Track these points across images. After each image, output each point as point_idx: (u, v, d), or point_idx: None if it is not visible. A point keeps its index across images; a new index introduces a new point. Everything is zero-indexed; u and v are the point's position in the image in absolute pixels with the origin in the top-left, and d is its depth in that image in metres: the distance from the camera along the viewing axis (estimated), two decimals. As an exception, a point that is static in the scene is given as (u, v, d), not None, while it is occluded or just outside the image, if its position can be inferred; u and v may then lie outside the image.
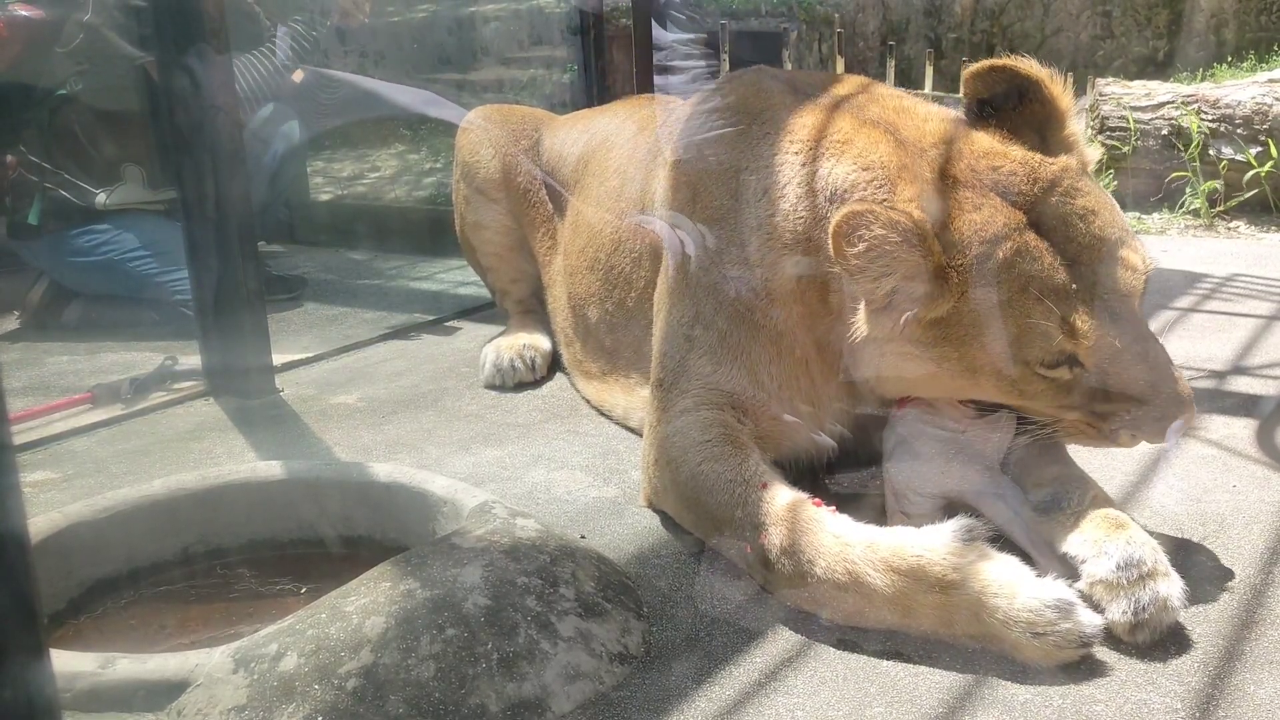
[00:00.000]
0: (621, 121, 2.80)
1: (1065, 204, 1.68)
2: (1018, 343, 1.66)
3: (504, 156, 3.05)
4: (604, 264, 2.52)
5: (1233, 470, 2.17)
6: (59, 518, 1.81)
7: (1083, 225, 1.67)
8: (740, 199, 2.01)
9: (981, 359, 1.70)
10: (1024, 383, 1.70)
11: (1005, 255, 1.65)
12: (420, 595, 1.50)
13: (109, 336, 3.49)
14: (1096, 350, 1.65)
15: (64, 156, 3.55)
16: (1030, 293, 1.64)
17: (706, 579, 1.81)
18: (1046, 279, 1.64)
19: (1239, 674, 1.48)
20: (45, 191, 3.55)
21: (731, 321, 1.98)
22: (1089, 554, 1.60)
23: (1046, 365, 1.67)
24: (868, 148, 1.82)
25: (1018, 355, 1.67)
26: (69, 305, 3.66)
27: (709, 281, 2.03)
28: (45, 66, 3.55)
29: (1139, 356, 1.66)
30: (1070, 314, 1.63)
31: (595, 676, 1.50)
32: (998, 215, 1.67)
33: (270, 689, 1.37)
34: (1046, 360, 1.67)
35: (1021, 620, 1.48)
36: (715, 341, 1.99)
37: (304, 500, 1.96)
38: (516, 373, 2.87)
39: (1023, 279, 1.64)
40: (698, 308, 2.04)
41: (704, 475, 1.85)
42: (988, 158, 1.73)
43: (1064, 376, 1.68)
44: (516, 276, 3.15)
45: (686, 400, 1.97)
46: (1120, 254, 1.68)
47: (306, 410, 2.74)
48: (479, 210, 3.09)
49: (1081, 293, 1.64)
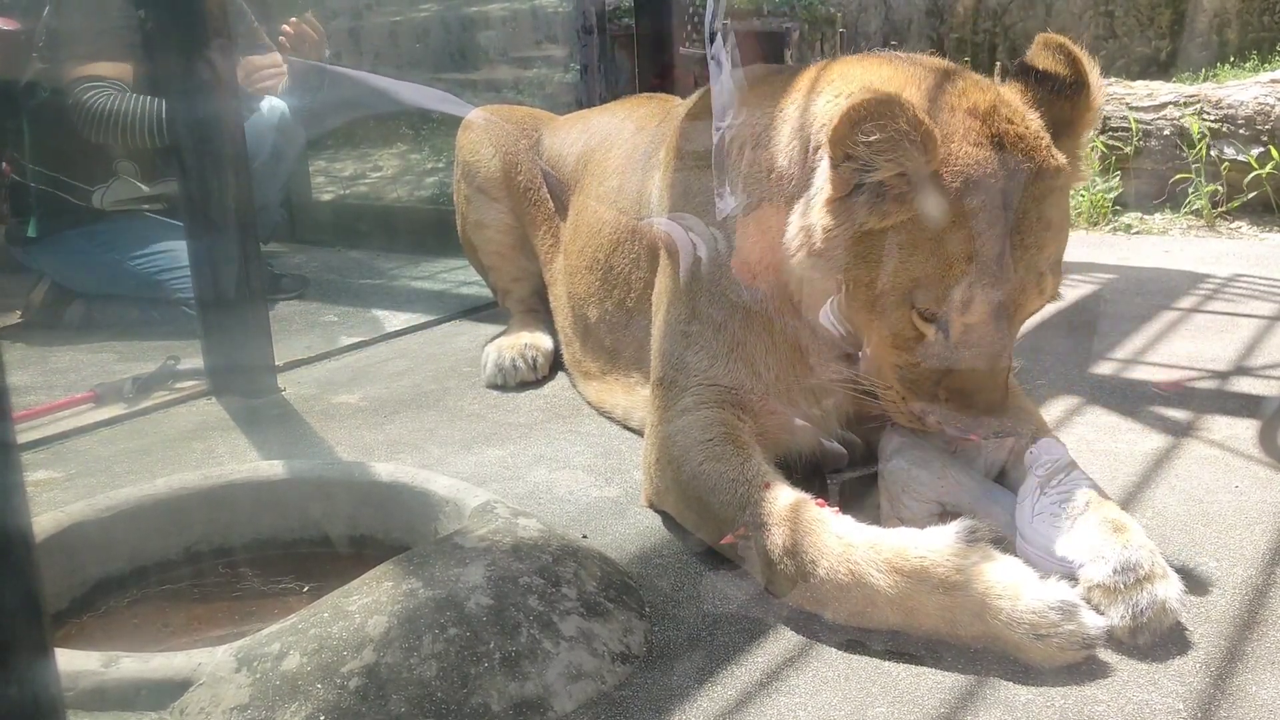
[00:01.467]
0: (621, 121, 2.80)
1: (1030, 200, 1.68)
2: (921, 282, 1.69)
3: (505, 155, 3.05)
4: (603, 264, 2.52)
5: (1235, 471, 2.17)
6: (62, 517, 1.81)
7: (1031, 226, 1.68)
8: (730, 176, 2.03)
9: (886, 288, 1.73)
10: (897, 325, 1.74)
11: (961, 199, 1.65)
12: (423, 595, 1.50)
13: (111, 336, 3.49)
14: (968, 328, 1.70)
15: (55, 158, 3.55)
16: (958, 244, 1.66)
17: (708, 579, 1.81)
18: (977, 242, 1.66)
19: (1241, 675, 1.48)
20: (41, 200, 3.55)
21: (726, 312, 1.99)
22: (1086, 558, 1.60)
23: (924, 316, 1.71)
24: (866, 72, 1.85)
25: (914, 293, 1.70)
26: (70, 305, 3.67)
27: (703, 275, 2.03)
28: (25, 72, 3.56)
29: (988, 356, 1.72)
30: (973, 286, 1.66)
31: (597, 676, 1.50)
32: (972, 162, 1.67)
33: (273, 688, 1.37)
34: (929, 310, 1.70)
35: (1025, 621, 1.48)
36: (711, 335, 2.00)
37: (306, 500, 1.96)
38: (518, 372, 2.87)
39: (962, 229, 1.66)
40: (694, 303, 2.05)
41: (706, 475, 1.84)
42: (990, 114, 1.71)
43: (928, 335, 1.73)
44: (518, 275, 3.15)
45: (687, 399, 1.97)
46: (1039, 271, 1.70)
47: (309, 410, 2.75)
48: (480, 209, 3.10)
49: (991, 277, 1.66)
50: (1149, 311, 3.40)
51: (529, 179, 3.03)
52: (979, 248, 1.65)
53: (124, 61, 3.46)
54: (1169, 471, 2.17)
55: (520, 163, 3.04)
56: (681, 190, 2.15)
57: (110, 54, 3.46)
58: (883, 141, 1.63)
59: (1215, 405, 2.55)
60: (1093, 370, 2.84)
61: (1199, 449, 2.29)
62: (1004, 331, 1.72)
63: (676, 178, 2.19)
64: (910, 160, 1.64)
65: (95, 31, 3.49)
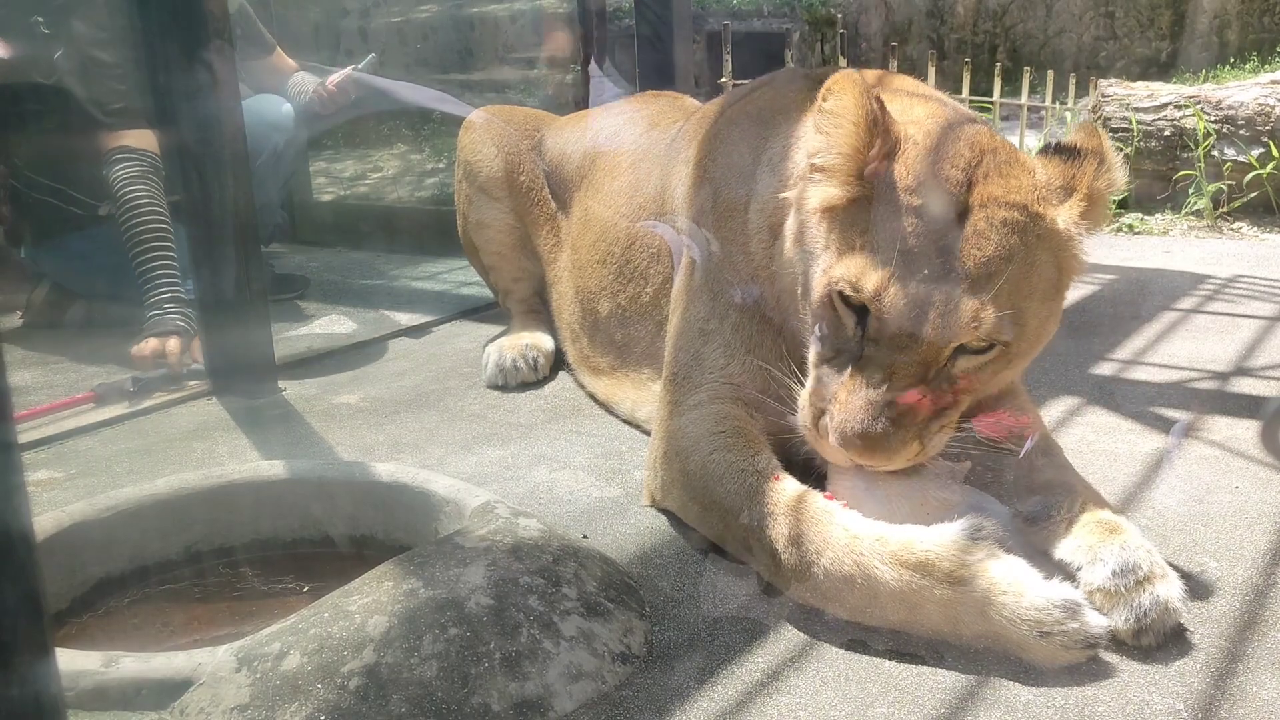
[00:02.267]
0: (630, 117, 2.81)
1: (991, 228, 1.62)
2: (849, 255, 1.65)
3: (507, 156, 3.05)
4: (618, 258, 2.52)
5: (1235, 471, 2.17)
6: (63, 516, 1.82)
7: (983, 252, 1.60)
8: (754, 180, 2.06)
9: (821, 266, 1.70)
10: (819, 305, 1.69)
11: (911, 193, 1.64)
12: (423, 595, 1.50)
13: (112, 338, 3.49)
14: (887, 320, 1.60)
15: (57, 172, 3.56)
16: (896, 231, 1.62)
17: (709, 579, 1.81)
18: (914, 238, 1.62)
19: (1241, 675, 1.48)
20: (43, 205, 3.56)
21: (742, 312, 2.01)
22: (1083, 561, 1.60)
23: (847, 293, 1.64)
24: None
25: (839, 264, 1.66)
26: (72, 306, 3.67)
27: (722, 274, 2.06)
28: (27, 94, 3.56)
29: (885, 369, 1.62)
30: (897, 272, 1.60)
31: (598, 676, 1.50)
32: (930, 164, 1.67)
33: (273, 688, 1.38)
34: (851, 286, 1.63)
35: (1029, 618, 1.48)
36: (730, 333, 2.01)
37: (307, 500, 1.97)
38: (519, 372, 2.87)
39: (905, 219, 1.63)
40: (714, 301, 2.06)
41: (715, 464, 1.85)
42: (974, 143, 1.70)
43: (846, 322, 1.66)
44: (519, 276, 3.15)
45: (701, 394, 1.99)
46: (976, 297, 1.59)
47: (309, 410, 2.75)
48: (482, 209, 3.10)
49: (918, 272, 1.60)
50: (1149, 312, 3.40)
51: (531, 179, 3.03)
52: (912, 242, 1.62)
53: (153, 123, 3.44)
54: (1169, 472, 2.17)
55: (522, 163, 3.05)
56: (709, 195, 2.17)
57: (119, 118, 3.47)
58: (833, 119, 1.69)
59: (1215, 406, 2.55)
60: (1093, 371, 2.85)
61: (1199, 449, 2.29)
62: (919, 347, 1.60)
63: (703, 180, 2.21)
64: (850, 139, 1.68)
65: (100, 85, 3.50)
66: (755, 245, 2.01)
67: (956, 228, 1.62)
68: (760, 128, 2.12)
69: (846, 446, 1.63)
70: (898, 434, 1.62)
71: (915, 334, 1.60)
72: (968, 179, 1.66)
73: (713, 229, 2.11)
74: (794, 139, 1.98)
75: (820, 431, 1.69)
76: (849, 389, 1.64)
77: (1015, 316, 1.62)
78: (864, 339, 1.65)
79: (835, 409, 1.65)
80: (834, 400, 1.65)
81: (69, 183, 3.55)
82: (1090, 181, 1.69)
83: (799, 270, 1.81)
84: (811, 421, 1.72)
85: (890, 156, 1.68)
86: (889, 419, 1.61)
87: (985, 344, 1.63)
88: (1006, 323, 1.61)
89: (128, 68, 3.50)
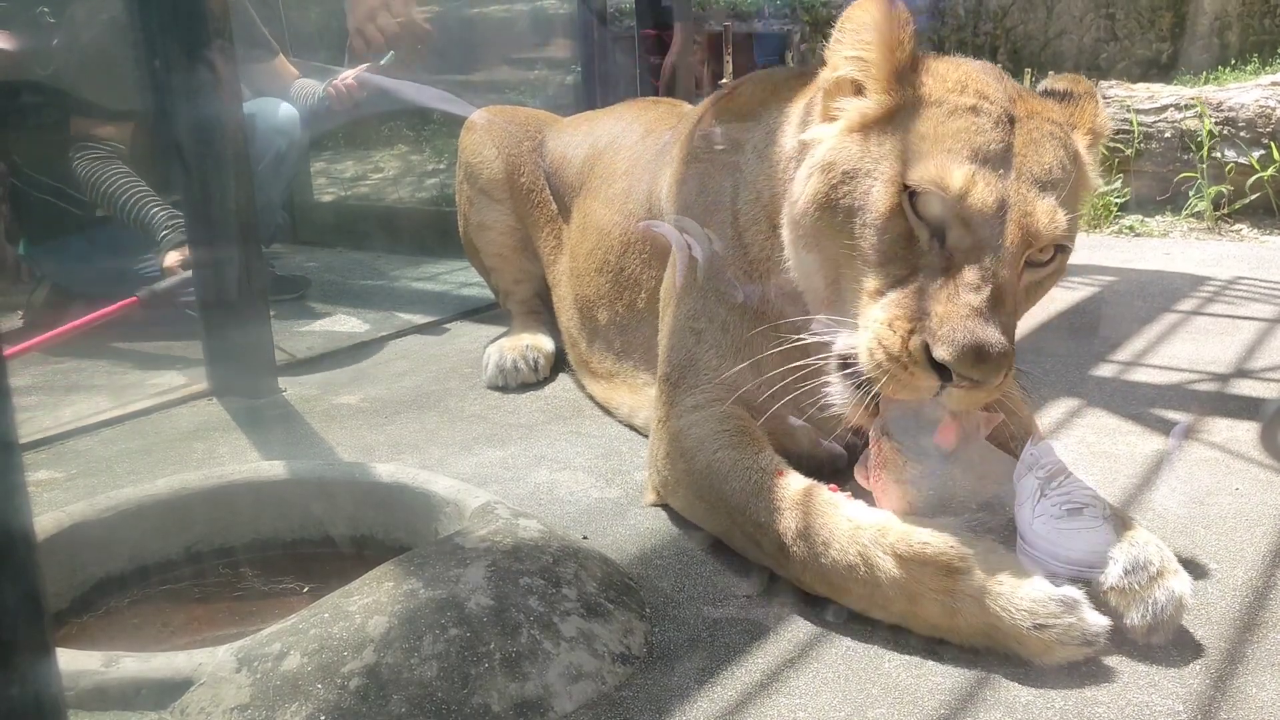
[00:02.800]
0: (628, 123, 2.81)
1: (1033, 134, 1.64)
2: (917, 158, 1.60)
3: (507, 157, 3.05)
4: (614, 266, 2.52)
5: (1236, 473, 2.17)
6: (63, 516, 1.82)
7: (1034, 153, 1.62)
8: (739, 173, 2.05)
9: (879, 185, 1.63)
10: (888, 232, 1.61)
11: (959, 94, 1.65)
12: (423, 595, 1.50)
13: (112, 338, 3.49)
14: (967, 222, 1.56)
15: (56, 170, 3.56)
16: (959, 131, 1.61)
17: (709, 580, 1.81)
18: (977, 135, 1.60)
19: (1242, 676, 1.48)
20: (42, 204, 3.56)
21: (731, 311, 2.00)
22: (1094, 560, 1.60)
23: (933, 192, 1.57)
24: None
25: (909, 171, 1.59)
26: (72, 307, 3.66)
27: (711, 270, 2.05)
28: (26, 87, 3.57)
29: (983, 271, 1.54)
30: (974, 169, 1.57)
31: (598, 677, 1.50)
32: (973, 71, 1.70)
33: (273, 688, 1.38)
34: (925, 188, 1.57)
35: (1024, 609, 1.48)
36: (719, 332, 2.01)
37: (307, 500, 1.97)
38: (519, 373, 2.87)
39: (962, 119, 1.62)
40: (703, 300, 2.06)
41: (720, 462, 1.85)
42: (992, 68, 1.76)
43: (920, 235, 1.59)
44: (520, 277, 3.15)
45: (699, 395, 1.99)
46: (1045, 193, 1.59)
47: (309, 410, 2.75)
48: (482, 211, 3.10)
49: (992, 166, 1.58)
50: (1150, 314, 3.40)
51: (531, 180, 3.03)
52: (979, 140, 1.60)
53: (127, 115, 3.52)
54: (1170, 474, 2.17)
55: (523, 164, 3.05)
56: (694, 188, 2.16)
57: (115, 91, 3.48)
58: (856, 27, 1.71)
59: (1216, 407, 2.55)
60: (1093, 372, 2.84)
61: (1199, 451, 2.29)
62: (1004, 248, 1.55)
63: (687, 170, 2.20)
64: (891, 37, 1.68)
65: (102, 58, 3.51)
66: (750, 237, 2.00)
67: (1012, 132, 1.63)
68: (745, 120, 2.11)
69: (961, 359, 1.49)
70: (1005, 343, 1.52)
71: (1003, 233, 1.56)
72: (1004, 92, 1.68)
73: (699, 224, 2.10)
74: (782, 124, 1.96)
75: (911, 356, 1.54)
76: (947, 298, 1.53)
77: (1075, 224, 1.66)
78: (944, 249, 1.57)
79: (935, 323, 1.51)
80: (929, 315, 1.53)
81: (69, 181, 3.55)
82: (1093, 118, 1.78)
83: (832, 205, 1.69)
84: (898, 346, 1.55)
85: (920, 61, 1.70)
86: (996, 326, 1.51)
87: (1048, 256, 1.64)
88: (1074, 227, 1.64)
89: (120, 58, 3.51)
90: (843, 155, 1.70)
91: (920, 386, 1.57)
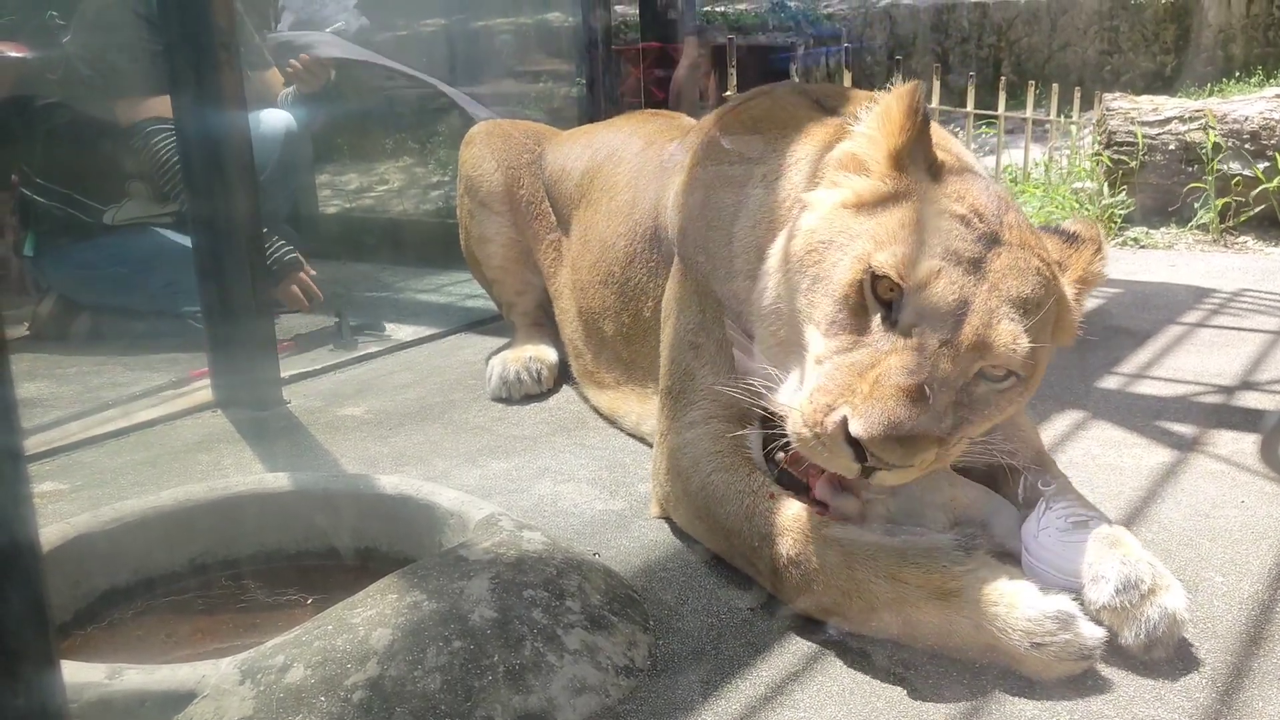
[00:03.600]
0: (628, 136, 2.81)
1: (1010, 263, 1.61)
2: (885, 244, 1.60)
3: (507, 170, 3.06)
4: (619, 277, 2.53)
5: (1241, 485, 2.17)
6: (68, 528, 1.82)
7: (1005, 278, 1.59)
8: (742, 196, 2.04)
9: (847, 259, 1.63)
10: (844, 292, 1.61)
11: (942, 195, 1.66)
12: (427, 607, 1.50)
13: (118, 349, 3.50)
14: (921, 311, 1.54)
15: (66, 177, 3.58)
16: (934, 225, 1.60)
17: (712, 592, 1.81)
18: (950, 235, 1.60)
19: (1247, 690, 1.48)
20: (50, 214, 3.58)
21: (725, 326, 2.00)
22: (1084, 579, 1.59)
23: (892, 276, 1.56)
24: None
25: (875, 254, 1.59)
26: (78, 318, 3.68)
27: (708, 285, 2.05)
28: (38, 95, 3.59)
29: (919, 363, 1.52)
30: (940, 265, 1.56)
31: (601, 689, 1.49)
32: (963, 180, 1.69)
33: (276, 700, 1.38)
34: (897, 271, 1.56)
35: (1020, 630, 1.48)
36: (715, 349, 2.01)
37: (311, 512, 1.96)
38: (523, 385, 2.87)
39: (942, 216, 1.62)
40: (702, 314, 2.05)
41: (714, 486, 1.85)
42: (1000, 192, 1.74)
43: (873, 314, 1.58)
44: (522, 289, 3.16)
45: (695, 411, 1.98)
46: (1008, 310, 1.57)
47: (314, 422, 2.75)
48: (483, 224, 3.11)
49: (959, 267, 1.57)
50: (1154, 326, 3.40)
51: (531, 193, 3.04)
52: (956, 244, 1.59)
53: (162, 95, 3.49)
54: (1174, 486, 2.17)
55: (522, 177, 3.06)
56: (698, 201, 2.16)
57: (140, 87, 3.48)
58: (881, 114, 1.71)
59: (1221, 420, 2.55)
60: (1098, 384, 2.84)
61: (1204, 464, 2.29)
62: (954, 343, 1.54)
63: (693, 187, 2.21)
64: (902, 130, 1.67)
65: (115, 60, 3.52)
66: (740, 264, 1.98)
67: (995, 253, 1.61)
68: (753, 138, 2.10)
69: (873, 438, 1.46)
70: (925, 433, 1.49)
71: (954, 333, 1.54)
72: (1000, 217, 1.66)
73: (701, 236, 2.10)
74: (790, 166, 1.95)
75: (826, 431, 1.52)
76: (878, 378, 1.51)
77: (1038, 356, 1.62)
78: (893, 334, 1.56)
79: (859, 400, 1.49)
80: (854, 393, 1.51)
81: (75, 186, 3.57)
82: (1088, 264, 1.76)
83: (804, 268, 1.70)
84: (818, 419, 1.54)
85: (930, 165, 1.69)
86: (920, 414, 1.48)
87: (1003, 373, 1.59)
88: (1034, 358, 1.60)
89: (138, 40, 3.52)
90: (826, 225, 1.70)
91: (838, 463, 1.55)
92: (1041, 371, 1.70)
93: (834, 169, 1.78)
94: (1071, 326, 1.75)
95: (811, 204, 1.78)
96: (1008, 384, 1.61)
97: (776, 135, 2.05)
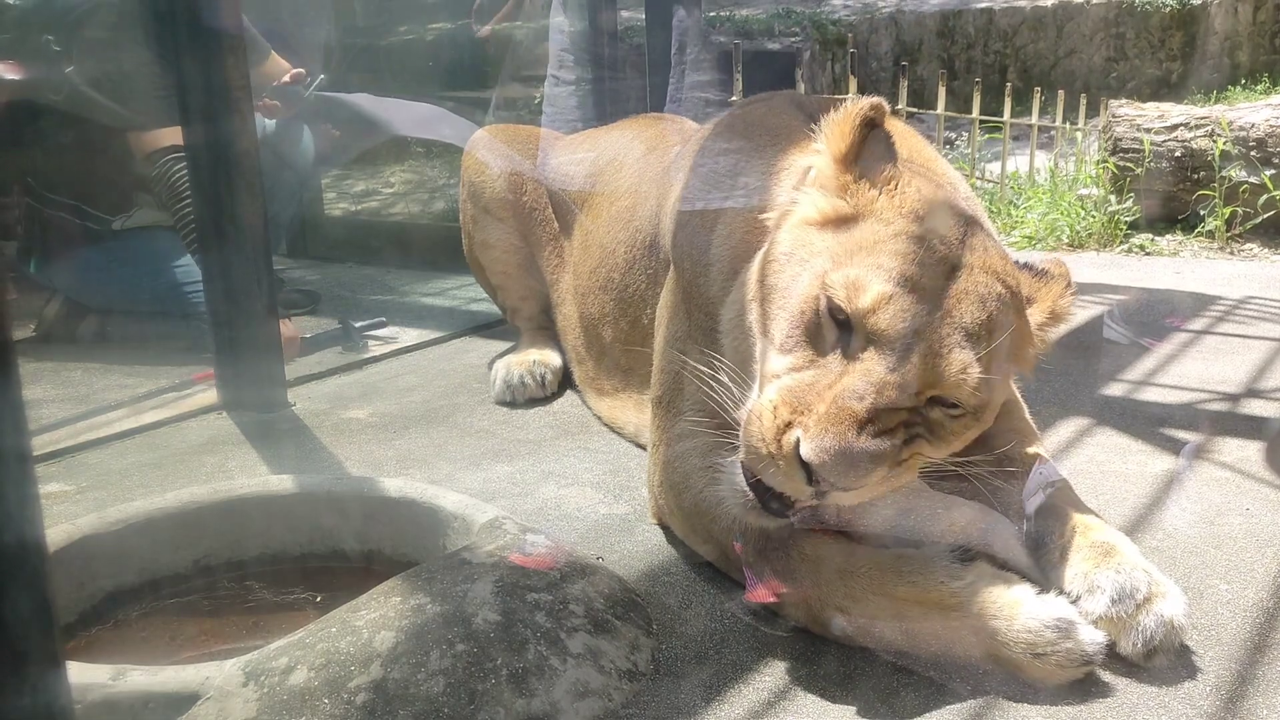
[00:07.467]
0: (630, 141, 2.82)
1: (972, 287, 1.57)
2: (844, 265, 1.57)
3: (510, 176, 3.07)
4: (618, 284, 2.53)
5: (1246, 492, 2.16)
6: (73, 529, 1.82)
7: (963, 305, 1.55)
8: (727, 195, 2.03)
9: (806, 276, 1.61)
10: (800, 309, 1.58)
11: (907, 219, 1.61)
12: (430, 610, 1.50)
13: (125, 352, 3.51)
14: (871, 337, 1.51)
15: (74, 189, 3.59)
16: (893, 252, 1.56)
17: (715, 597, 1.81)
18: (909, 261, 1.55)
19: (1252, 698, 1.48)
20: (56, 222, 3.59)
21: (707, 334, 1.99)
22: (1081, 590, 1.58)
23: (840, 300, 1.53)
24: None
25: (831, 274, 1.56)
26: (84, 320, 3.69)
27: (692, 293, 2.04)
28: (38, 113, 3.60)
29: (871, 387, 1.49)
30: (894, 290, 1.52)
31: (604, 693, 1.50)
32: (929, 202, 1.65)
33: (280, 702, 1.38)
34: (848, 293, 1.53)
35: (1022, 640, 1.48)
36: (699, 358, 1.99)
37: (316, 514, 1.97)
38: (527, 389, 2.88)
39: (901, 242, 1.58)
40: (688, 322, 2.05)
41: (706, 500, 1.84)
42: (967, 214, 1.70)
43: (828, 335, 1.56)
44: (526, 294, 3.16)
45: (685, 423, 1.97)
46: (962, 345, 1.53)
47: (319, 425, 2.76)
48: (486, 229, 3.11)
49: (914, 295, 1.53)
50: (1156, 332, 3.39)
51: (534, 199, 3.04)
52: (909, 269, 1.55)
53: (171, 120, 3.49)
54: (1179, 493, 2.17)
55: (525, 183, 3.06)
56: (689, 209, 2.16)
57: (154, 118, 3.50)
58: (839, 123, 1.68)
59: (1225, 427, 2.54)
60: (1102, 391, 2.84)
61: (1209, 470, 2.28)
62: (902, 371, 1.50)
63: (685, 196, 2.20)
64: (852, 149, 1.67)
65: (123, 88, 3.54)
66: (715, 273, 1.96)
67: (952, 277, 1.57)
68: (741, 147, 2.09)
69: (823, 463, 1.45)
70: (875, 456, 1.47)
71: (903, 359, 1.50)
72: (962, 237, 1.62)
73: (687, 243, 2.09)
74: (770, 166, 1.93)
75: (783, 452, 1.50)
76: (831, 399, 1.49)
77: (990, 387, 1.56)
78: (844, 355, 1.54)
79: (811, 422, 1.47)
80: (808, 412, 1.49)
81: (84, 198, 3.58)
82: (1056, 299, 1.74)
83: (765, 280, 1.70)
84: (773, 436, 1.51)
85: (890, 183, 1.66)
86: (868, 439, 1.47)
87: (956, 402, 1.55)
88: (985, 389, 1.55)
89: (146, 70, 3.53)
90: (789, 239, 1.69)
91: (790, 484, 1.52)
92: (999, 399, 1.66)
93: (802, 183, 1.76)
94: (1032, 358, 1.72)
95: (778, 218, 1.77)
96: (956, 412, 1.57)
97: (764, 145, 2.03)
